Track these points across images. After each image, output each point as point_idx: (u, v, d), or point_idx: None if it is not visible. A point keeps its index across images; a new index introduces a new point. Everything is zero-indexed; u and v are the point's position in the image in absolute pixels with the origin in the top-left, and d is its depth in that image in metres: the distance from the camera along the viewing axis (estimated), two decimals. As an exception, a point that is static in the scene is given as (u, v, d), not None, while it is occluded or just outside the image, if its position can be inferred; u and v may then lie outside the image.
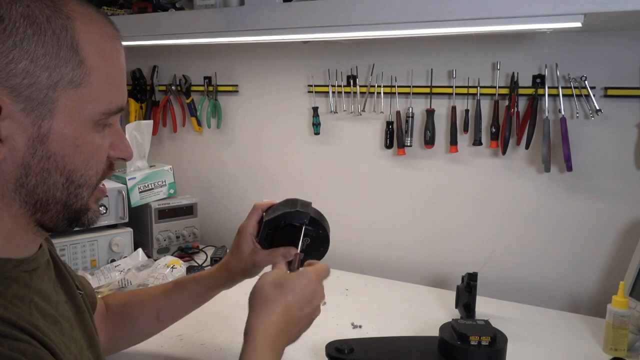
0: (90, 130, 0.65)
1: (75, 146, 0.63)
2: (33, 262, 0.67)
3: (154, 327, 1.05)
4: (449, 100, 1.51)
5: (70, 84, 0.62)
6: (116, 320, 1.02)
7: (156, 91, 1.96)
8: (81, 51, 0.62)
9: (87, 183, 0.66)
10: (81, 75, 0.62)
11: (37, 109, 0.60)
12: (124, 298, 1.06)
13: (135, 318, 1.03)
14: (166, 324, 1.06)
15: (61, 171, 0.63)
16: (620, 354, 1.13)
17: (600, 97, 1.33)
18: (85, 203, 0.67)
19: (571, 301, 1.44)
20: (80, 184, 0.65)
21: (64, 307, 0.71)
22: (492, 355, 1.00)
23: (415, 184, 1.59)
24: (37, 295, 0.64)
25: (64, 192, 0.64)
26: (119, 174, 1.73)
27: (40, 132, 0.61)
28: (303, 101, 1.72)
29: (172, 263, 1.49)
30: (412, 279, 1.56)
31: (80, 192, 0.66)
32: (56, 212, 0.65)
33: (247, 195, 1.88)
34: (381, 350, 1.06)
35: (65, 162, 0.63)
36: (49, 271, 0.72)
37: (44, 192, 0.63)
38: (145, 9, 1.47)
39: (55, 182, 0.63)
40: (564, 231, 1.43)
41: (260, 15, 1.23)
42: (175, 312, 1.05)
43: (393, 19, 1.09)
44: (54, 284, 0.73)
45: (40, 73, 0.60)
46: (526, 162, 1.45)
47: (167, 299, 1.03)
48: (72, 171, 0.64)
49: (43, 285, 0.68)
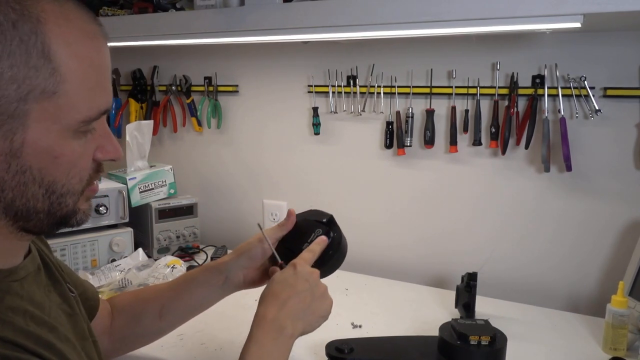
0: (70, 140, 0.60)
1: (54, 158, 0.60)
2: (22, 270, 0.65)
3: (157, 326, 1.00)
4: (449, 100, 1.51)
5: (43, 94, 0.57)
6: (121, 321, 0.99)
7: (156, 91, 1.96)
8: (54, 57, 0.57)
9: (70, 192, 0.63)
10: (55, 84, 0.57)
11: (8, 123, 0.56)
12: (131, 297, 1.03)
13: (139, 316, 1.00)
14: (169, 323, 1.01)
15: (39, 183, 0.60)
16: (619, 354, 1.14)
17: (599, 97, 1.33)
18: (72, 208, 0.64)
19: (570, 301, 1.44)
20: (62, 193, 0.62)
21: (56, 311, 0.69)
22: (492, 354, 1.00)
23: (415, 184, 1.59)
24: (31, 304, 0.62)
25: (45, 202, 0.61)
26: (119, 174, 1.73)
27: (12, 147, 0.57)
28: (303, 101, 1.72)
29: (172, 263, 1.49)
30: (412, 279, 1.57)
31: (64, 200, 0.63)
32: (39, 220, 0.62)
33: (247, 195, 1.88)
34: (381, 350, 1.06)
35: (43, 174, 0.60)
36: (39, 276, 0.70)
37: (24, 204, 0.60)
38: (146, 10, 1.47)
39: (34, 193, 0.60)
40: (563, 231, 1.43)
41: (260, 15, 1.23)
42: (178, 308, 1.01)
43: (393, 19, 1.09)
44: (46, 287, 0.71)
45: (7, 86, 0.55)
46: (526, 162, 1.45)
47: (170, 292, 1.00)
48: (51, 182, 0.61)
49: (35, 293, 0.66)
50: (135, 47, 1.93)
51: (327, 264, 0.94)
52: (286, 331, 0.79)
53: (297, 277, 0.84)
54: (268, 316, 0.80)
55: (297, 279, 0.84)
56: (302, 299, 0.83)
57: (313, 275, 0.86)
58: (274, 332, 0.78)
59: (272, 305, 0.81)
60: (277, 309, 0.80)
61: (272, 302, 0.82)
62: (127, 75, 2.01)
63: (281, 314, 0.80)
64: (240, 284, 0.99)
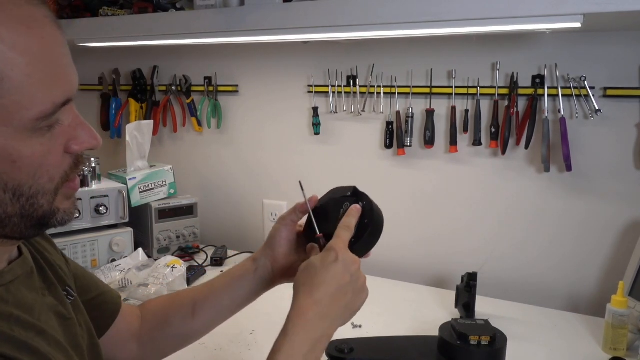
0: (29, 139, 0.55)
1: (12, 162, 0.55)
2: (9, 274, 0.62)
3: (189, 326, 0.92)
4: (449, 100, 1.51)
5: None
6: (151, 324, 0.93)
7: (156, 91, 1.96)
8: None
9: (40, 192, 0.58)
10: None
11: None
12: (163, 299, 0.97)
13: (171, 316, 0.92)
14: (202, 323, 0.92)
15: (4, 189, 0.56)
16: (619, 354, 1.14)
17: (599, 97, 1.33)
18: (48, 209, 0.60)
19: (571, 301, 1.44)
20: (31, 195, 0.58)
21: (47, 314, 0.66)
22: (492, 354, 1.00)
23: (415, 184, 1.59)
24: (18, 308, 0.60)
25: (15, 206, 0.57)
26: (119, 174, 1.73)
27: None
28: (303, 101, 1.72)
29: (172, 263, 1.49)
30: (412, 279, 1.57)
31: (36, 201, 0.58)
32: (15, 224, 0.59)
33: (247, 195, 1.88)
34: (381, 350, 1.06)
35: (4, 179, 0.56)
36: (31, 280, 0.67)
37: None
38: (146, 10, 1.47)
39: (1, 199, 0.56)
40: (563, 231, 1.43)
41: (260, 15, 1.23)
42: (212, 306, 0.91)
43: (393, 19, 1.09)
44: (40, 290, 0.68)
45: None
46: (526, 162, 1.45)
47: (204, 288, 0.93)
48: (17, 186, 0.56)
49: (23, 296, 0.63)
50: (135, 47, 1.93)
51: (363, 238, 0.83)
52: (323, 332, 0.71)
53: (338, 267, 0.74)
54: (307, 314, 0.71)
55: (338, 271, 0.73)
56: (343, 294, 0.74)
57: (355, 266, 0.76)
58: (312, 333, 0.70)
59: (311, 299, 0.72)
60: (316, 305, 0.71)
61: (311, 294, 0.72)
62: (127, 75, 2.01)
63: (320, 311, 0.71)
64: (270, 273, 0.90)
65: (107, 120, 2.05)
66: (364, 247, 0.83)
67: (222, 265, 1.68)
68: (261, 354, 1.16)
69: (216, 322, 0.94)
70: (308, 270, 0.75)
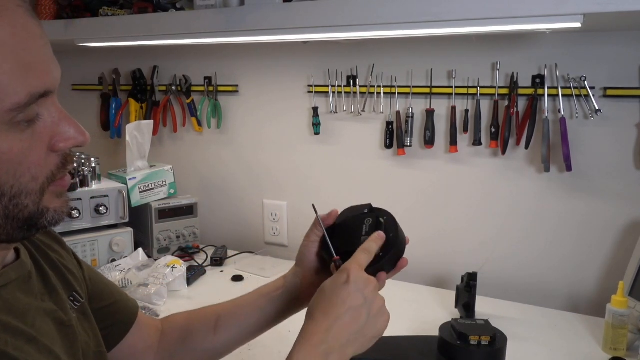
0: (5, 135, 0.53)
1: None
2: (1, 278, 0.60)
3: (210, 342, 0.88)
4: (449, 100, 1.51)
5: None
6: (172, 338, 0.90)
7: (156, 91, 1.96)
8: None
9: (23, 192, 0.56)
10: None
11: None
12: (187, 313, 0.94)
13: (193, 331, 0.89)
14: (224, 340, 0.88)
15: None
16: (619, 354, 1.14)
17: (599, 97, 1.33)
18: (35, 209, 0.58)
19: (571, 301, 1.44)
20: (14, 194, 0.55)
21: (43, 320, 0.63)
22: (492, 354, 1.00)
23: (415, 184, 1.59)
24: (9, 314, 0.58)
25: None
26: (119, 174, 1.73)
27: None
28: (303, 101, 1.72)
29: (172, 263, 1.49)
30: (412, 279, 1.56)
31: (19, 201, 0.56)
32: (1, 227, 0.57)
33: (247, 195, 1.88)
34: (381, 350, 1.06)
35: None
36: (28, 284, 0.64)
37: None
38: (146, 10, 1.47)
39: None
40: (563, 231, 1.43)
41: (260, 15, 1.23)
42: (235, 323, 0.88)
43: (393, 19, 1.09)
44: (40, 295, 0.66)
45: None
46: (526, 162, 1.45)
47: (229, 304, 0.90)
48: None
49: (18, 300, 0.61)
50: (135, 47, 1.93)
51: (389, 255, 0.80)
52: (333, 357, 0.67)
53: (349, 289, 0.69)
54: (314, 338, 0.67)
55: (350, 292, 0.69)
56: (355, 317, 0.68)
57: (370, 287, 0.70)
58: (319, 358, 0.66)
59: (320, 323, 0.68)
60: (325, 329, 0.67)
61: (320, 318, 0.68)
62: (127, 75, 2.01)
63: (329, 336, 0.67)
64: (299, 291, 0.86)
65: (107, 120, 2.05)
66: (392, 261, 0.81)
67: (222, 265, 1.68)
68: (262, 354, 1.17)
69: (239, 341, 0.90)
70: (319, 293, 0.71)
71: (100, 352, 0.75)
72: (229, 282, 1.57)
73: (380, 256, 0.78)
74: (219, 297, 1.06)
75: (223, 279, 1.60)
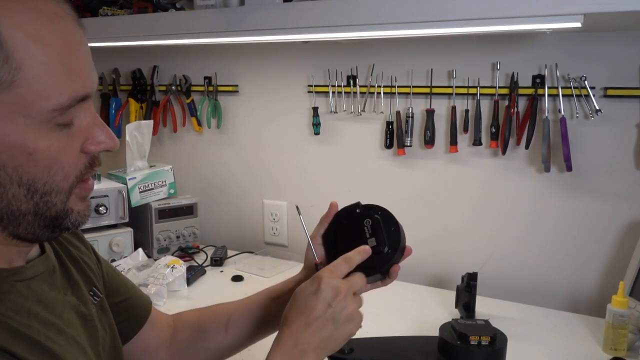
0: (46, 132, 0.55)
1: (27, 155, 0.55)
2: (30, 270, 0.62)
3: (221, 340, 0.90)
4: (449, 100, 1.51)
5: (0, 86, 0.52)
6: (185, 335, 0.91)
7: (156, 91, 1.96)
8: (6, 43, 0.52)
9: (54, 190, 0.58)
10: (11, 72, 0.52)
11: None
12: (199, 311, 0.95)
13: (205, 329, 0.91)
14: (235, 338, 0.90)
15: (18, 183, 0.56)
16: (620, 354, 1.14)
17: (600, 97, 1.33)
18: (62, 208, 0.60)
19: (571, 301, 1.44)
20: (45, 192, 0.57)
21: (69, 313, 0.65)
22: (492, 355, 1.00)
23: (415, 184, 1.59)
24: (38, 304, 0.60)
25: (29, 202, 0.57)
26: (119, 174, 1.73)
27: None
28: (303, 101, 1.72)
29: (172, 263, 1.49)
30: (412, 279, 1.56)
31: (49, 199, 0.58)
32: (28, 223, 0.58)
33: (247, 195, 1.88)
34: (381, 350, 1.06)
35: (19, 173, 0.55)
36: (53, 278, 0.66)
37: (6, 207, 0.56)
38: (146, 9, 1.47)
39: (15, 194, 0.56)
40: (564, 231, 1.43)
41: (260, 15, 1.23)
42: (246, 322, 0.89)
43: (393, 19, 1.09)
44: (63, 289, 0.67)
45: None
46: (526, 162, 1.45)
47: (240, 304, 0.91)
48: (31, 181, 0.56)
49: (46, 293, 0.63)
50: (135, 47, 1.93)
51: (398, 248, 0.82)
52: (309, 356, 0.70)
53: (318, 298, 0.71)
54: (288, 342, 0.70)
55: (318, 302, 0.71)
56: (323, 326, 0.71)
57: (339, 296, 0.71)
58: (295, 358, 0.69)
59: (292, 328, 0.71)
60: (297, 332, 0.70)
61: (293, 324, 0.71)
62: (127, 75, 2.01)
63: (301, 340, 0.70)
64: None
65: (107, 120, 2.05)
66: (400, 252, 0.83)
67: (222, 265, 1.68)
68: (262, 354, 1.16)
69: (249, 340, 0.91)
70: (293, 298, 0.74)
71: (116, 348, 0.76)
72: (229, 282, 1.57)
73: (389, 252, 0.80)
74: (219, 297, 1.06)
75: (223, 279, 1.59)
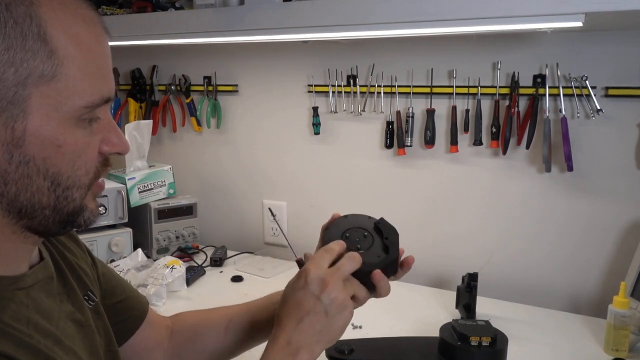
0: (74, 128, 0.58)
1: (57, 147, 0.57)
2: (29, 278, 0.63)
3: (220, 342, 0.90)
4: (449, 100, 1.50)
5: (42, 79, 0.55)
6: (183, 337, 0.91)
7: (156, 91, 1.96)
8: (50, 40, 0.55)
9: (76, 184, 0.60)
10: (53, 67, 0.56)
11: (8, 110, 0.55)
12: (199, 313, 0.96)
13: (204, 331, 0.91)
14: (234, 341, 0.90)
15: (44, 175, 0.58)
16: (621, 355, 1.13)
17: (601, 97, 1.33)
18: (79, 204, 0.62)
19: (572, 301, 1.44)
20: (68, 185, 0.60)
21: (65, 322, 0.66)
22: (493, 355, 0.99)
23: (416, 184, 1.59)
24: (37, 314, 0.60)
25: (50, 195, 0.59)
26: (118, 174, 1.72)
27: (14, 135, 0.55)
28: (303, 101, 1.72)
29: (171, 263, 1.48)
30: (413, 280, 1.56)
31: (70, 194, 0.60)
32: (45, 217, 0.60)
33: (246, 195, 1.88)
34: (381, 351, 1.06)
35: (47, 165, 0.57)
36: (51, 285, 0.67)
37: (28, 199, 0.58)
38: (145, 9, 1.46)
39: (39, 187, 0.58)
40: (565, 231, 1.42)
41: (260, 15, 1.23)
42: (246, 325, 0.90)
43: (393, 19, 1.09)
44: (59, 296, 0.68)
45: (5, 69, 0.54)
46: (527, 162, 1.44)
47: (242, 306, 0.92)
48: (56, 174, 0.58)
49: (43, 302, 0.63)
50: (135, 47, 1.93)
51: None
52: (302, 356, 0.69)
53: (306, 292, 0.71)
54: (282, 340, 0.70)
55: (307, 296, 0.71)
56: (315, 320, 0.70)
57: (327, 288, 0.71)
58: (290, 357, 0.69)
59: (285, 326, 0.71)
60: (290, 330, 0.70)
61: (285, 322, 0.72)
62: (126, 75, 2.00)
63: (295, 337, 0.70)
64: None
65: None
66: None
67: (222, 266, 1.68)
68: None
69: (248, 345, 0.91)
70: (282, 296, 0.74)
71: (112, 352, 0.76)
72: (229, 283, 1.56)
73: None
74: (218, 298, 1.06)
75: (222, 279, 1.59)
